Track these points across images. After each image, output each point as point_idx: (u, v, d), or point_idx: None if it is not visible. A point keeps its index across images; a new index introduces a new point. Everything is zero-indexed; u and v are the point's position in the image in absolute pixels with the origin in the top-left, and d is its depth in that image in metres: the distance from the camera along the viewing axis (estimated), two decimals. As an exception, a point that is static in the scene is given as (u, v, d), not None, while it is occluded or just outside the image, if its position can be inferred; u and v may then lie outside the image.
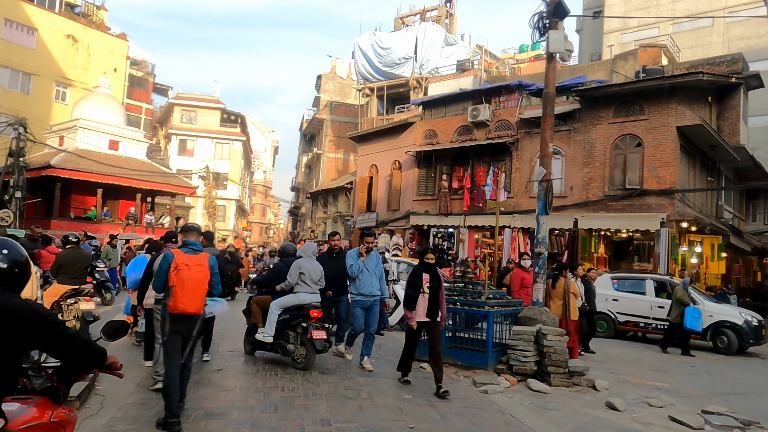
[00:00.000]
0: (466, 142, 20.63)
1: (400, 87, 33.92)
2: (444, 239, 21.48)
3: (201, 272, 4.87)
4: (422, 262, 6.63)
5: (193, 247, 5.05)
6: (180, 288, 4.73)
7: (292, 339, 7.06)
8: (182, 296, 4.73)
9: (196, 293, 4.81)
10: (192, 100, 51.32)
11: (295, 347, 7.02)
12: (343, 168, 43.02)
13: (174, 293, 4.74)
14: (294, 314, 7.02)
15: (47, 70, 32.84)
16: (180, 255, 4.90)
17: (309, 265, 7.13)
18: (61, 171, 24.30)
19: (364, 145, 26.08)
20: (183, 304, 4.73)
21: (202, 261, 4.96)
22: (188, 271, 4.78)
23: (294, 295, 7.06)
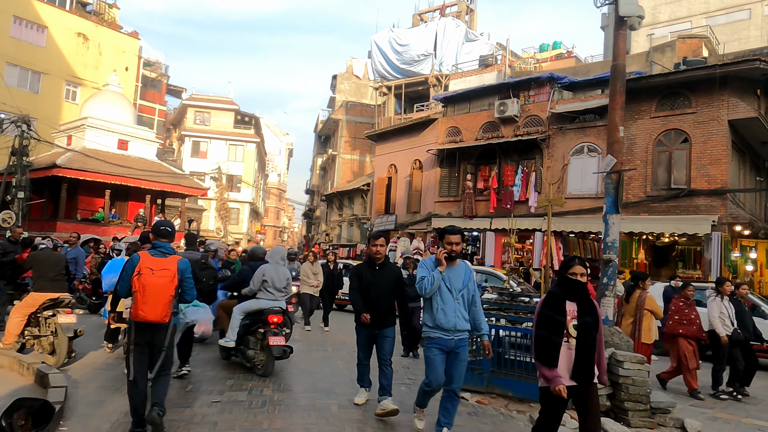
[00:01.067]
0: (492, 139, 19.28)
1: (419, 85, 32.66)
2: (468, 243, 20.11)
3: (165, 277, 4.50)
4: (565, 280, 3.95)
5: (162, 250, 4.70)
6: (141, 294, 4.41)
7: (252, 344, 6.93)
8: (143, 303, 4.39)
9: (158, 300, 4.43)
10: (205, 101, 50.54)
11: (255, 353, 6.86)
12: (358, 170, 41.84)
13: (135, 299, 4.43)
14: (254, 319, 6.93)
15: (57, 68, 32.10)
16: (146, 258, 4.57)
17: (274, 271, 6.94)
18: (68, 171, 23.33)
19: (382, 145, 24.82)
20: (144, 311, 4.39)
21: (169, 265, 4.58)
22: (150, 276, 4.45)
23: (255, 300, 6.92)
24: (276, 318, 6.70)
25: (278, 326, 6.71)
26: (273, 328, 6.64)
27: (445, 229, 4.80)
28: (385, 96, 34.67)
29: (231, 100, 51.69)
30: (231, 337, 6.92)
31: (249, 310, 6.93)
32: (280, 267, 7.08)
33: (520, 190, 18.44)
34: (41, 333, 7.06)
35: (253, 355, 6.84)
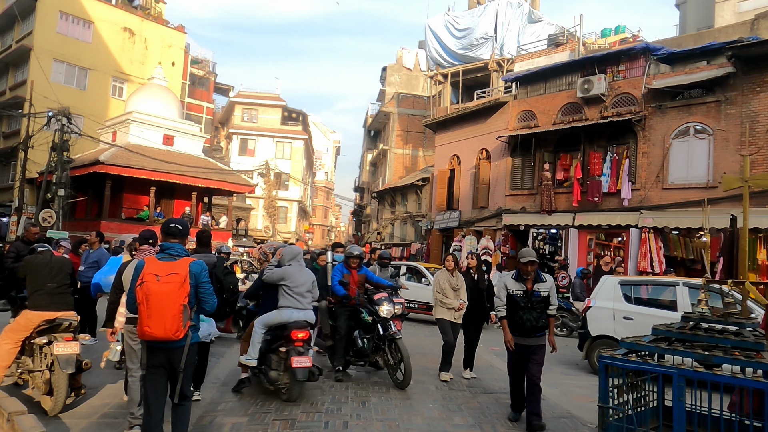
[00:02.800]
0: (574, 122, 16.80)
1: (478, 71, 30.20)
2: (546, 242, 17.70)
3: (172, 283, 3.68)
4: None
5: (171, 252, 3.92)
6: (144, 305, 3.63)
7: (274, 365, 5.99)
8: (147, 316, 3.62)
9: (164, 312, 3.62)
10: (253, 98, 49.53)
11: (278, 374, 5.92)
12: (411, 165, 39.73)
13: (139, 313, 3.67)
14: (275, 334, 6.00)
15: (104, 64, 31.33)
16: (151, 263, 3.78)
17: (298, 273, 6.08)
18: (111, 167, 22.19)
19: (442, 134, 22.61)
20: (149, 326, 3.62)
21: (178, 269, 3.75)
22: (154, 284, 3.64)
23: (277, 312, 5.99)
24: (301, 334, 5.76)
25: (304, 343, 5.81)
26: (297, 346, 5.72)
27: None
28: (441, 84, 32.36)
29: (278, 96, 50.53)
30: (252, 355, 6.01)
31: (271, 323, 6.02)
32: (304, 269, 6.28)
33: (609, 180, 15.90)
34: (34, 367, 5.24)
35: (276, 377, 5.92)
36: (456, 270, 7.48)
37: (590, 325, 8.85)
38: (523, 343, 5.44)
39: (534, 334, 5.41)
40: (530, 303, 5.39)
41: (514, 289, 5.46)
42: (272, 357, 6.02)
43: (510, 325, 5.47)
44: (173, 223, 4.09)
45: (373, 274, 7.86)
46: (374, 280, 7.64)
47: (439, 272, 7.62)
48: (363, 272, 7.49)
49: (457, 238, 20.06)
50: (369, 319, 6.92)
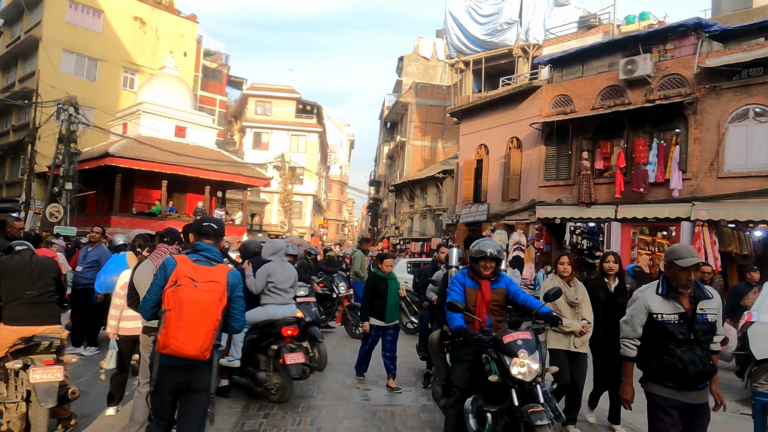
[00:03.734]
0: (616, 107, 15.48)
1: (501, 58, 28.89)
2: (585, 236, 16.44)
3: (213, 293, 3.08)
4: None
5: (207, 254, 3.28)
6: (176, 314, 2.98)
7: (263, 365, 5.69)
8: (178, 327, 2.96)
9: (200, 325, 3.01)
10: (267, 90, 48.49)
11: (267, 375, 5.64)
12: (430, 157, 38.51)
13: (167, 322, 3.00)
14: (263, 333, 5.73)
15: (114, 55, 30.39)
16: (185, 264, 3.15)
17: (281, 269, 5.93)
18: (121, 160, 21.20)
19: (468, 122, 21.35)
20: (178, 339, 2.96)
21: (218, 277, 3.16)
22: (192, 290, 3.03)
23: (262, 309, 5.80)
24: (290, 330, 5.61)
25: (294, 339, 5.68)
26: (288, 342, 5.56)
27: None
28: (462, 73, 31.06)
29: (292, 89, 49.44)
30: (235, 356, 5.64)
31: (256, 320, 5.73)
32: (287, 264, 6.11)
33: (656, 170, 14.60)
34: (8, 397, 4.17)
35: (266, 378, 5.62)
36: (574, 276, 5.18)
37: (753, 345, 7.01)
38: (680, 400, 3.30)
39: (698, 386, 3.32)
40: (693, 334, 3.29)
41: (664, 312, 3.33)
42: (260, 357, 5.69)
43: (658, 371, 3.35)
44: (208, 221, 3.50)
45: (521, 290, 4.52)
46: (524, 300, 4.38)
47: (548, 280, 5.45)
48: (503, 285, 4.42)
49: (486, 232, 18.84)
50: (496, 378, 3.91)
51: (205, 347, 3.05)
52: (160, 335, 3.04)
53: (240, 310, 3.39)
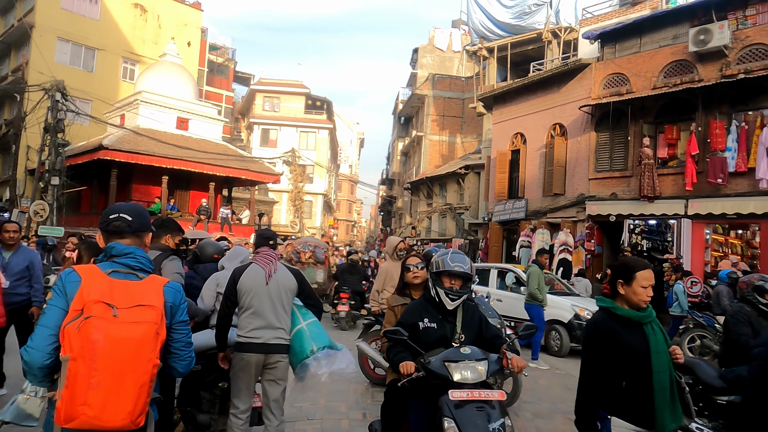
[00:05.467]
0: (683, 84, 13.26)
1: (529, 44, 26.65)
2: (646, 236, 14.24)
3: (144, 324, 2.03)
4: None
5: (129, 262, 2.20)
6: (85, 364, 1.92)
7: (206, 405, 4.20)
8: (90, 386, 1.91)
9: (128, 379, 1.96)
10: (275, 85, 46.56)
11: (211, 419, 4.17)
12: (448, 152, 36.38)
13: (71, 378, 1.92)
14: (209, 364, 4.02)
15: (113, 44, 28.44)
16: (95, 280, 2.07)
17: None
18: (117, 153, 19.24)
19: (500, 109, 19.15)
20: (92, 406, 1.91)
21: (150, 296, 2.11)
22: (111, 324, 1.97)
23: (210, 332, 4.06)
24: None
25: None
26: None
27: None
28: (485, 61, 28.84)
29: (301, 84, 47.49)
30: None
31: (201, 347, 3.91)
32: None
33: (736, 157, 12.38)
34: None
35: (209, 422, 4.14)
36: None
37: None
38: None
39: None
40: None
41: None
42: (203, 395, 4.30)
43: None
44: (116, 211, 2.29)
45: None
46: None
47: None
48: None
49: (525, 231, 16.67)
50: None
51: (137, 412, 1.99)
52: (61, 400, 1.94)
53: (185, 344, 2.29)
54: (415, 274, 3.91)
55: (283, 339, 3.77)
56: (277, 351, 3.74)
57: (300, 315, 3.90)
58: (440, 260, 3.21)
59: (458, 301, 3.14)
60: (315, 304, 4.02)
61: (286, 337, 3.79)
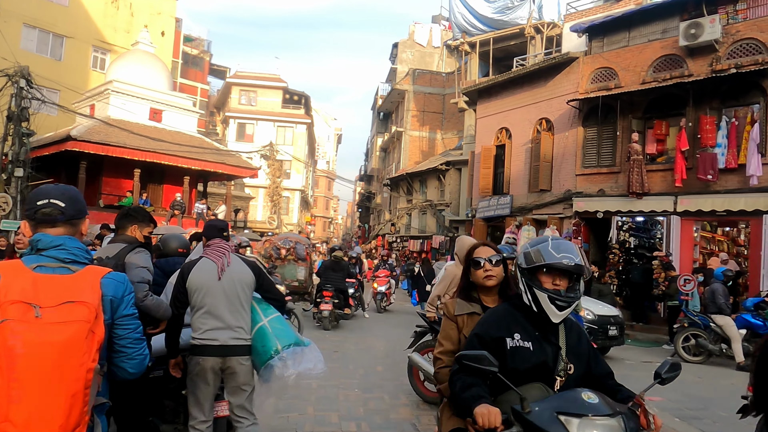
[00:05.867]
0: (673, 79, 13.06)
1: (511, 39, 26.45)
2: (634, 233, 14.04)
3: (73, 324, 1.74)
4: None
5: (59, 254, 1.88)
6: (1, 376, 1.66)
7: (169, 415, 3.83)
8: (10, 400, 1.65)
9: (55, 389, 1.70)
10: (252, 78, 45.68)
11: (175, 429, 3.77)
12: (428, 148, 36.05)
13: None
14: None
15: (83, 32, 27.29)
16: (15, 276, 1.79)
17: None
18: (86, 145, 18.37)
19: (485, 103, 18.80)
20: (15, 423, 1.65)
21: (81, 291, 1.81)
22: (32, 326, 1.70)
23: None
24: None
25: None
26: None
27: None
28: (467, 56, 28.55)
29: (279, 77, 46.66)
30: None
31: (162, 352, 3.50)
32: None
33: (727, 153, 12.22)
34: None
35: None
36: None
37: None
38: None
39: None
40: None
41: None
42: (166, 403, 3.93)
43: None
44: (45, 196, 1.93)
45: None
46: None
47: None
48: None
49: (510, 228, 16.36)
50: None
51: (71, 424, 1.70)
52: None
53: (132, 340, 1.97)
54: (488, 272, 2.71)
55: (243, 339, 3.37)
56: (237, 353, 3.33)
57: (260, 311, 3.50)
58: (537, 250, 2.16)
59: (567, 310, 2.11)
60: (276, 297, 3.64)
61: (246, 337, 3.39)
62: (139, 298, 3.08)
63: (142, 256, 3.40)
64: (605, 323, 8.84)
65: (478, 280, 2.73)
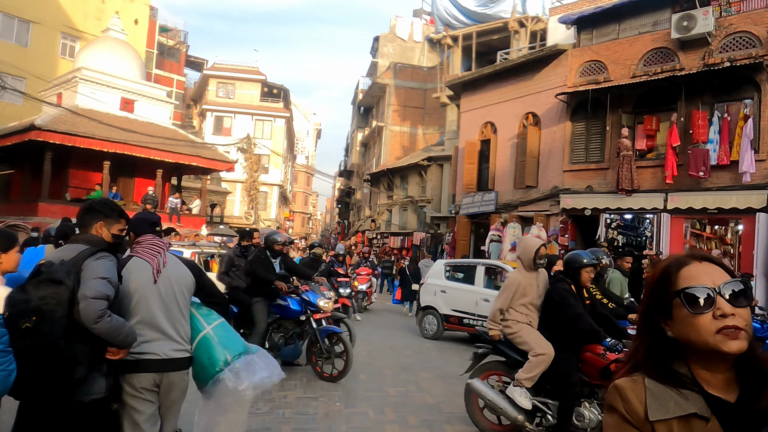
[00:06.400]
0: (665, 73, 12.70)
1: (494, 33, 26.03)
2: (623, 231, 13.68)
3: None
4: None
5: None
6: None
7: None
8: None
9: None
10: (230, 71, 44.64)
11: None
12: (409, 144, 35.50)
13: None
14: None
15: (51, 17, 26.13)
16: None
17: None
18: (51, 135, 17.45)
19: (470, 97, 18.30)
20: None
21: None
22: None
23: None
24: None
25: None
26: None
27: None
28: (449, 49, 28.05)
29: (257, 70, 45.69)
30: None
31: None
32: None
33: (718, 149, 11.89)
34: None
35: None
36: None
37: None
38: None
39: None
40: None
41: None
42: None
43: None
44: None
45: None
46: None
47: None
48: None
49: (495, 225, 15.90)
50: None
51: None
52: None
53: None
54: (729, 321, 1.15)
55: (185, 351, 2.91)
56: (178, 367, 2.86)
57: (201, 318, 3.04)
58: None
59: None
60: (219, 301, 3.25)
61: (187, 348, 2.92)
62: (91, 319, 2.39)
63: (104, 264, 2.65)
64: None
65: (698, 337, 1.19)
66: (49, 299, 2.38)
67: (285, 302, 6.57)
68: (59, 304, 2.38)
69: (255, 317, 6.44)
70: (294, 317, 6.58)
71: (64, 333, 2.37)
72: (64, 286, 2.41)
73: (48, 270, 2.47)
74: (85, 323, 2.38)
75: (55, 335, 2.35)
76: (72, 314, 2.40)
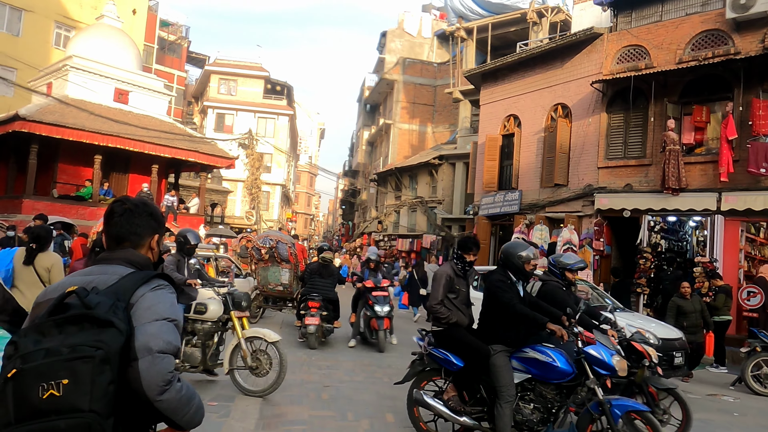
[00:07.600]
0: (716, 57, 11.31)
1: (511, 25, 24.75)
2: (665, 235, 12.26)
3: None
4: None
5: None
6: None
7: None
8: None
9: None
10: (232, 67, 43.42)
11: None
12: (418, 143, 34.14)
13: None
14: None
15: (44, 5, 24.85)
16: None
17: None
18: (38, 126, 16.08)
19: (491, 88, 16.89)
20: None
21: None
22: None
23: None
24: None
25: None
26: None
27: None
28: (463, 43, 26.70)
29: (260, 66, 44.45)
30: None
31: None
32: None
33: (782, 142, 10.50)
34: None
35: None
36: None
37: None
38: None
39: None
40: None
41: None
42: None
43: None
44: None
45: None
46: None
47: None
48: None
49: (519, 227, 14.51)
50: None
51: None
52: None
53: None
54: None
55: None
56: None
57: None
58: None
59: None
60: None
61: None
62: (157, 387, 1.59)
63: (165, 297, 1.74)
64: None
65: None
66: (90, 351, 1.51)
67: (545, 356, 4.27)
68: (106, 360, 1.52)
69: (497, 378, 4.26)
70: (558, 381, 4.28)
71: (113, 411, 1.53)
72: (113, 330, 1.56)
73: (84, 302, 1.58)
74: (147, 393, 1.58)
75: (99, 413, 1.50)
76: (124, 378, 1.57)
